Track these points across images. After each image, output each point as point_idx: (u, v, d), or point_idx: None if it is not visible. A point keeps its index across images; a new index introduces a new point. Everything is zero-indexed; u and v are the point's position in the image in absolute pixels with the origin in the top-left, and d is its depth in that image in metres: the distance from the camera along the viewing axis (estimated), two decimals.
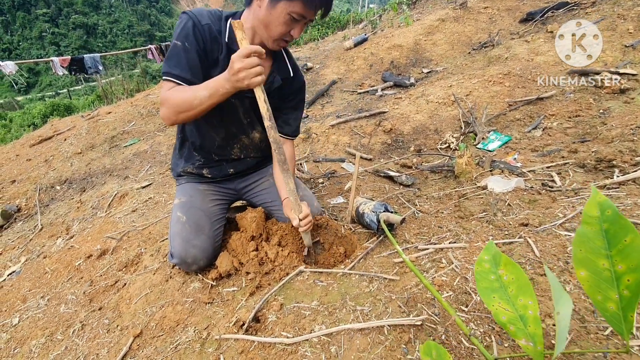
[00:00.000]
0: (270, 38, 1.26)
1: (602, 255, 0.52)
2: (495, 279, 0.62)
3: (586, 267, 0.53)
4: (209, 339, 1.12)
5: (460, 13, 5.06)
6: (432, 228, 1.45)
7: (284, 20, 1.19)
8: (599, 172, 1.71)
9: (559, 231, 1.18)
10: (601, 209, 0.51)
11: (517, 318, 0.58)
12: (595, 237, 0.52)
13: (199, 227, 1.45)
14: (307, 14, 1.19)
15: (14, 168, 3.59)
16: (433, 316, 0.96)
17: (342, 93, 4.31)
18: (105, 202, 2.53)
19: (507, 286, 0.61)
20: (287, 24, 1.20)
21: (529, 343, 0.56)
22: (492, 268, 0.63)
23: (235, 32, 1.08)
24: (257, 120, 1.55)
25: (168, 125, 1.19)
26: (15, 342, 1.39)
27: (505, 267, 0.62)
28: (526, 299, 0.59)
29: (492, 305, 0.61)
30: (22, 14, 63.98)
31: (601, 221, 0.51)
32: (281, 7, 1.16)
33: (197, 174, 1.62)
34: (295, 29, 1.24)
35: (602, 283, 0.52)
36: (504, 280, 0.61)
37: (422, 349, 0.61)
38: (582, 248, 0.53)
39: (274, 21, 1.20)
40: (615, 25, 3.26)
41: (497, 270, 0.63)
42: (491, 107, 2.84)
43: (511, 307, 0.59)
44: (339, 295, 1.13)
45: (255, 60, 1.05)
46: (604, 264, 0.52)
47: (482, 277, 0.64)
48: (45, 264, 1.91)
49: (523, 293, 0.59)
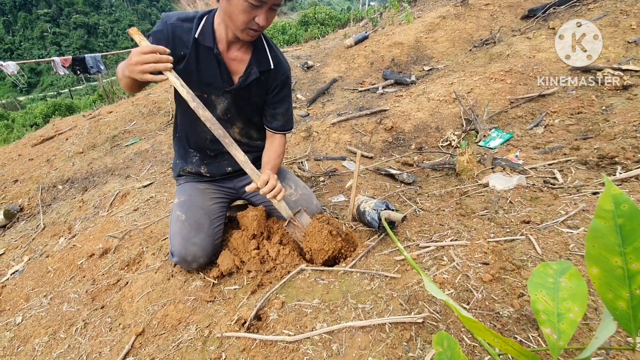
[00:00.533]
0: (237, 29, 1.27)
1: (616, 253, 0.50)
2: (552, 282, 0.61)
3: (598, 265, 0.52)
4: (210, 337, 1.12)
5: (461, 10, 5.04)
6: (433, 226, 1.45)
7: (243, 7, 1.19)
8: (601, 169, 1.70)
9: (560, 228, 1.18)
10: (615, 202, 0.49)
11: (553, 313, 0.58)
12: (609, 232, 0.50)
13: (198, 225, 1.45)
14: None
15: (17, 168, 3.61)
16: (434, 314, 0.96)
17: (343, 91, 4.30)
18: (107, 201, 2.54)
19: (560, 290, 0.60)
20: (247, 12, 1.20)
21: (554, 335, 0.55)
22: (555, 274, 0.63)
23: (133, 38, 1.25)
24: (237, 117, 1.55)
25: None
26: (18, 341, 1.39)
27: (569, 277, 0.61)
28: (574, 305, 0.58)
29: (535, 294, 0.60)
30: (24, 14, 64.09)
31: (615, 216, 0.49)
32: None
33: (196, 172, 1.63)
34: (260, 15, 1.23)
35: (614, 281, 0.51)
36: (561, 285, 0.60)
37: (434, 338, 0.61)
38: (595, 244, 0.51)
39: (234, 11, 1.21)
40: (618, 21, 3.24)
41: (558, 277, 0.62)
42: (492, 105, 2.83)
43: (553, 303, 0.59)
44: (340, 293, 1.13)
45: (151, 57, 1.15)
46: (617, 262, 0.50)
47: (540, 276, 0.63)
48: (48, 263, 1.92)
49: (574, 300, 0.58)
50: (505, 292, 0.97)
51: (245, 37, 1.31)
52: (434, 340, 0.61)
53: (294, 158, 2.74)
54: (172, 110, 4.39)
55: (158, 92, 5.19)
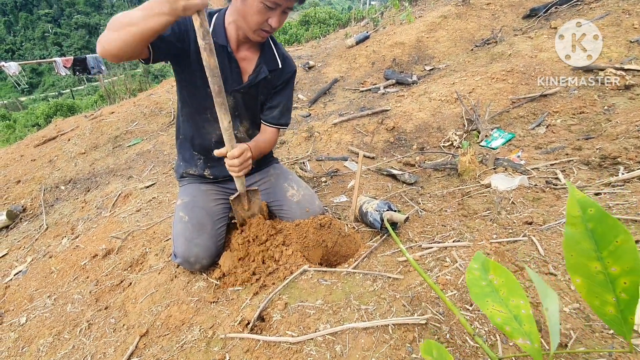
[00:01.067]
0: (249, 29, 1.27)
1: (593, 258, 0.50)
2: (486, 284, 0.63)
3: (580, 273, 0.52)
4: (214, 338, 1.12)
5: (463, 9, 5.03)
6: (435, 227, 1.45)
7: (258, 9, 1.19)
8: (603, 169, 1.70)
9: (563, 229, 1.18)
10: (582, 207, 0.49)
11: (511, 318, 0.59)
12: (582, 238, 0.50)
13: (201, 226, 1.46)
14: (280, 0, 1.19)
15: (19, 168, 3.62)
16: (437, 315, 0.96)
17: (344, 91, 4.30)
18: (109, 201, 2.55)
19: (498, 289, 0.61)
20: (261, 13, 1.20)
21: (526, 341, 0.56)
22: (482, 274, 0.64)
23: None
24: (243, 115, 1.55)
25: (103, 53, 1.10)
26: (23, 341, 1.40)
27: (494, 271, 0.63)
28: (517, 299, 0.59)
29: (487, 309, 0.61)
30: (25, 15, 64.22)
31: (584, 220, 0.49)
32: None
33: (199, 175, 1.63)
34: (273, 17, 1.23)
35: (597, 287, 0.51)
36: (495, 285, 0.62)
37: (422, 347, 0.61)
38: (573, 252, 0.52)
39: (249, 11, 1.21)
40: (620, 20, 3.23)
41: (487, 276, 0.63)
42: (494, 105, 2.83)
43: (504, 309, 0.60)
44: (343, 294, 1.14)
45: None
46: (597, 267, 0.50)
47: (474, 284, 0.64)
48: (51, 263, 1.93)
49: (513, 294, 0.59)
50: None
51: (256, 37, 1.31)
52: (422, 349, 0.61)
53: (295, 158, 2.74)
54: (173, 111, 4.40)
55: (159, 93, 5.19)
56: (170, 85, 5.73)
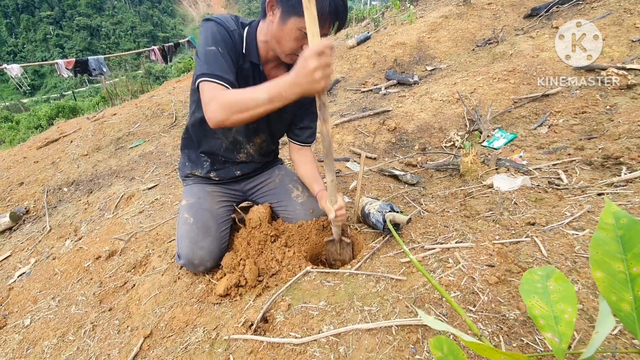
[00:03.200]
0: (282, 53, 1.26)
1: (618, 259, 0.53)
2: (541, 286, 0.65)
3: (602, 269, 0.55)
4: (218, 339, 1.13)
5: (464, 9, 5.03)
6: (438, 227, 1.45)
7: (295, 36, 1.17)
8: (606, 169, 1.70)
9: (566, 230, 1.18)
10: (616, 217, 0.54)
11: (550, 316, 0.60)
12: (610, 242, 0.54)
13: (206, 228, 1.46)
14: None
15: (22, 170, 3.64)
16: (441, 316, 0.96)
17: (346, 92, 4.31)
18: (112, 203, 2.56)
19: (550, 293, 0.63)
20: (298, 40, 1.19)
21: (555, 338, 0.57)
22: (542, 279, 0.66)
23: (307, 22, 0.92)
24: (262, 126, 1.56)
25: (214, 126, 1.11)
26: (28, 343, 1.41)
27: (555, 280, 0.64)
28: (566, 306, 0.61)
29: (529, 301, 0.63)
30: (26, 17, 64.49)
31: (616, 228, 0.54)
32: (292, 23, 1.15)
33: (205, 177, 1.64)
34: (307, 44, 1.23)
35: (617, 284, 0.54)
36: (550, 289, 0.64)
37: (431, 342, 0.61)
38: (599, 251, 0.55)
39: (285, 37, 1.19)
40: (622, 20, 3.23)
41: (545, 282, 0.65)
42: (496, 105, 2.82)
43: (548, 308, 0.62)
44: (346, 295, 1.14)
45: (329, 58, 0.94)
46: (619, 267, 0.53)
47: (528, 282, 0.66)
48: (55, 265, 1.94)
49: (565, 302, 0.61)
50: (511, 294, 0.97)
51: (287, 60, 1.30)
52: (431, 345, 0.61)
53: None
54: (175, 112, 4.41)
55: (161, 94, 5.21)
56: (171, 86, 5.75)
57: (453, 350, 0.58)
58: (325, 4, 1.10)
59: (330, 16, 1.13)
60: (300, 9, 1.10)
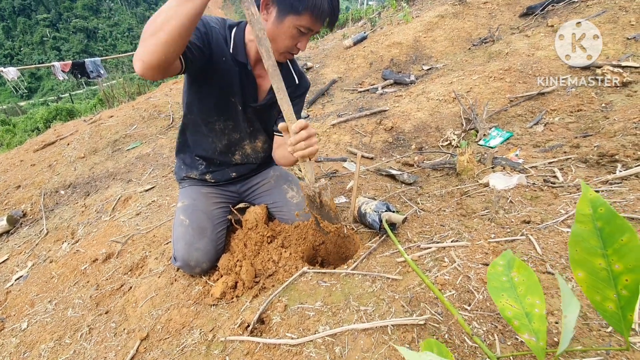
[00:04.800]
0: (276, 51, 1.25)
1: (598, 255, 0.51)
2: (506, 280, 0.64)
3: (583, 268, 0.53)
4: (214, 340, 1.13)
5: (460, 9, 5.04)
6: (434, 226, 1.45)
7: (291, 34, 1.19)
8: (601, 167, 1.70)
9: (561, 228, 1.18)
10: (593, 206, 0.51)
11: (522, 314, 0.60)
12: (589, 236, 0.52)
13: (202, 230, 1.46)
14: (314, 26, 1.19)
15: (19, 173, 3.62)
16: (436, 315, 0.96)
17: (343, 92, 4.31)
18: (109, 205, 2.55)
19: (517, 286, 0.62)
20: (294, 38, 1.20)
21: (532, 338, 0.57)
22: (505, 270, 0.65)
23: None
24: (260, 129, 1.57)
25: (141, 72, 0.96)
26: (25, 347, 1.41)
27: (518, 269, 0.64)
28: (534, 298, 0.60)
29: (500, 302, 0.62)
30: (23, 20, 64.33)
31: (594, 219, 0.51)
32: (289, 21, 1.16)
33: (200, 179, 1.64)
34: (302, 41, 1.24)
35: (600, 283, 0.52)
36: (515, 282, 0.63)
37: (422, 345, 0.61)
38: (578, 248, 0.53)
39: (281, 35, 1.20)
40: (617, 17, 3.24)
41: (509, 273, 0.64)
42: (492, 103, 2.83)
43: (518, 305, 0.61)
44: (343, 295, 1.14)
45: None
46: (601, 264, 0.52)
47: (494, 278, 0.65)
48: (52, 268, 1.94)
49: (532, 293, 0.60)
50: None
51: (280, 59, 1.30)
52: (422, 348, 0.61)
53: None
54: (172, 114, 4.40)
55: (158, 96, 5.20)
56: (168, 88, 5.74)
57: (442, 351, 0.59)
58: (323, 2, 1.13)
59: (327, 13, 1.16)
60: (298, 7, 1.12)
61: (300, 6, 1.12)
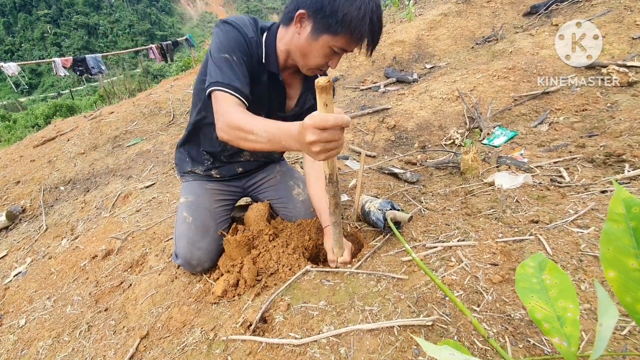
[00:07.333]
0: (305, 66, 1.21)
1: (631, 255, 0.49)
2: (537, 281, 0.61)
3: (615, 268, 0.51)
4: (216, 340, 1.10)
5: (463, 7, 5.01)
6: (439, 225, 1.43)
7: (324, 52, 1.14)
8: (608, 167, 1.68)
9: (570, 228, 1.16)
10: (627, 206, 0.49)
11: (554, 318, 0.57)
12: (622, 235, 0.49)
13: (205, 228, 1.44)
14: (349, 48, 1.13)
15: (18, 169, 3.60)
16: (444, 316, 0.94)
17: (345, 90, 4.28)
18: (109, 202, 2.53)
19: (548, 289, 0.59)
20: (326, 57, 1.15)
21: (563, 342, 0.54)
22: (536, 272, 0.62)
23: (318, 94, 0.78)
24: None
25: (220, 140, 1.09)
26: (22, 344, 1.38)
27: (550, 272, 0.61)
28: (567, 302, 0.57)
29: (529, 303, 0.59)
30: (24, 15, 64.19)
31: (627, 219, 0.49)
32: (324, 40, 1.10)
33: (205, 174, 1.61)
34: (334, 60, 1.18)
35: (632, 284, 0.50)
36: (546, 284, 0.60)
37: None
38: (610, 247, 0.51)
39: (313, 52, 1.15)
40: (622, 17, 3.21)
41: (540, 275, 0.61)
42: (496, 102, 2.81)
43: (549, 307, 0.58)
44: (347, 295, 1.12)
45: (334, 134, 0.79)
46: (633, 264, 0.49)
47: (523, 279, 0.62)
48: (51, 264, 1.91)
49: (565, 297, 0.58)
50: (516, 294, 0.95)
51: (309, 74, 1.26)
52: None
53: (296, 157, 2.72)
54: (173, 111, 4.38)
55: (159, 92, 5.17)
56: (169, 85, 5.71)
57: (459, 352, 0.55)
58: (364, 24, 1.06)
59: (367, 36, 1.10)
60: (336, 28, 1.06)
61: (339, 28, 1.06)
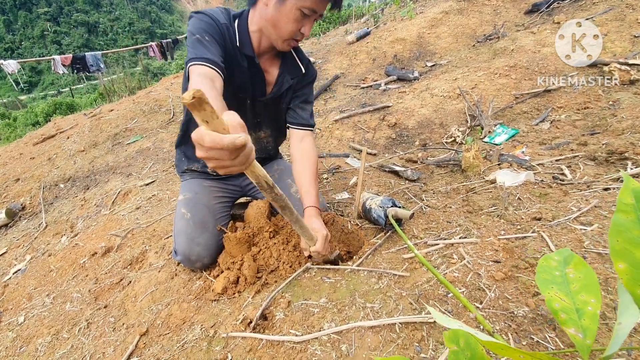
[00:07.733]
0: (279, 38, 1.21)
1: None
2: (559, 275, 0.60)
3: (624, 259, 0.50)
4: (216, 337, 1.10)
5: (464, 5, 4.99)
6: (440, 223, 1.42)
7: (294, 16, 1.13)
8: (610, 164, 1.67)
9: (573, 225, 1.15)
10: (636, 196, 0.48)
11: (572, 309, 0.56)
12: (632, 226, 0.49)
13: (203, 224, 1.43)
14: (319, 7, 1.13)
15: (18, 166, 3.59)
16: (446, 313, 0.93)
17: (345, 88, 4.27)
18: (109, 199, 2.52)
19: (571, 282, 0.58)
20: (297, 21, 1.15)
21: (579, 334, 0.53)
22: (560, 266, 0.61)
23: (193, 115, 0.62)
24: (266, 121, 1.53)
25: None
26: (21, 341, 1.38)
27: (575, 266, 0.60)
28: (589, 297, 0.56)
29: (547, 293, 0.58)
30: (24, 13, 64.06)
31: (637, 209, 0.48)
32: (291, 2, 1.11)
33: (202, 171, 1.61)
34: (306, 25, 1.18)
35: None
36: (570, 277, 0.59)
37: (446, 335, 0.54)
38: (619, 238, 0.50)
39: (283, 19, 1.15)
40: (624, 15, 3.20)
41: (564, 269, 0.60)
42: (497, 100, 2.80)
43: (569, 299, 0.57)
44: (348, 292, 1.11)
45: (221, 154, 0.65)
46: None
47: (545, 271, 0.61)
48: (50, 262, 1.91)
49: (587, 291, 0.57)
50: (519, 290, 0.94)
51: (285, 47, 1.26)
52: (446, 338, 0.54)
53: None
54: (173, 108, 4.37)
55: (159, 90, 5.16)
56: (169, 82, 5.69)
57: (470, 344, 0.52)
58: None
59: None
60: None
61: None
